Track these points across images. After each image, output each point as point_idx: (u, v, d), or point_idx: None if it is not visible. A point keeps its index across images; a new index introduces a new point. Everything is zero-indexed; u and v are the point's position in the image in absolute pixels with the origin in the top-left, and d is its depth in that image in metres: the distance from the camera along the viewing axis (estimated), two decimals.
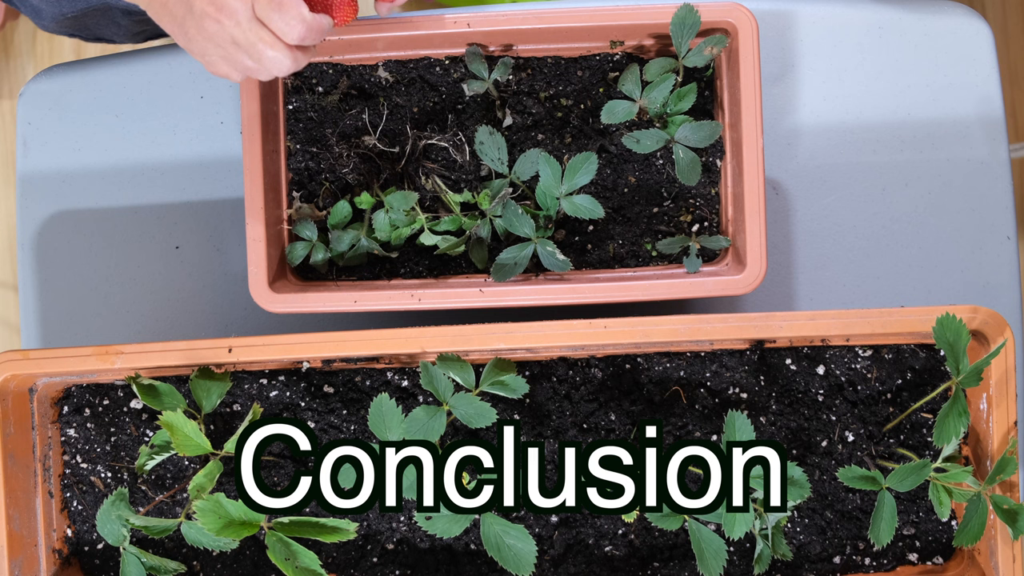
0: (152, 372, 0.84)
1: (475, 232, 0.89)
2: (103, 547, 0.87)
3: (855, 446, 0.84)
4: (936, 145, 0.98)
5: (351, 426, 0.85)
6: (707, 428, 0.84)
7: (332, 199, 0.92)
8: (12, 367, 0.81)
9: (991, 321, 0.79)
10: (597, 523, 0.85)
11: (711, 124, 0.87)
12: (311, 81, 0.93)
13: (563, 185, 0.86)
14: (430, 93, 0.93)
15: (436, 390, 0.79)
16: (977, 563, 0.83)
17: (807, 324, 0.80)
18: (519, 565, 0.76)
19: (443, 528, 0.76)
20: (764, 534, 0.78)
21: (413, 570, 0.85)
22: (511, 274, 0.86)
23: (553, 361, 0.86)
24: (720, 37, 0.87)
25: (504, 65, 0.91)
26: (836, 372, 0.85)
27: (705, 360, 0.85)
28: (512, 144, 0.91)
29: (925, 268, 0.98)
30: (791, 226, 0.99)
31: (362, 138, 0.92)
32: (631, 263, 0.91)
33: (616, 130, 0.91)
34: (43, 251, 1.02)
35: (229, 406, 0.85)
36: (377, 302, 0.87)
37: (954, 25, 0.99)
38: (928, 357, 0.85)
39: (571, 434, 0.85)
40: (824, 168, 0.99)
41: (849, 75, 0.99)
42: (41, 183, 1.02)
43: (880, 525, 0.77)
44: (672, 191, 0.92)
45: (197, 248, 1.01)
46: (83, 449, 0.87)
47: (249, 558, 0.86)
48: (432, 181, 0.91)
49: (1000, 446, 0.81)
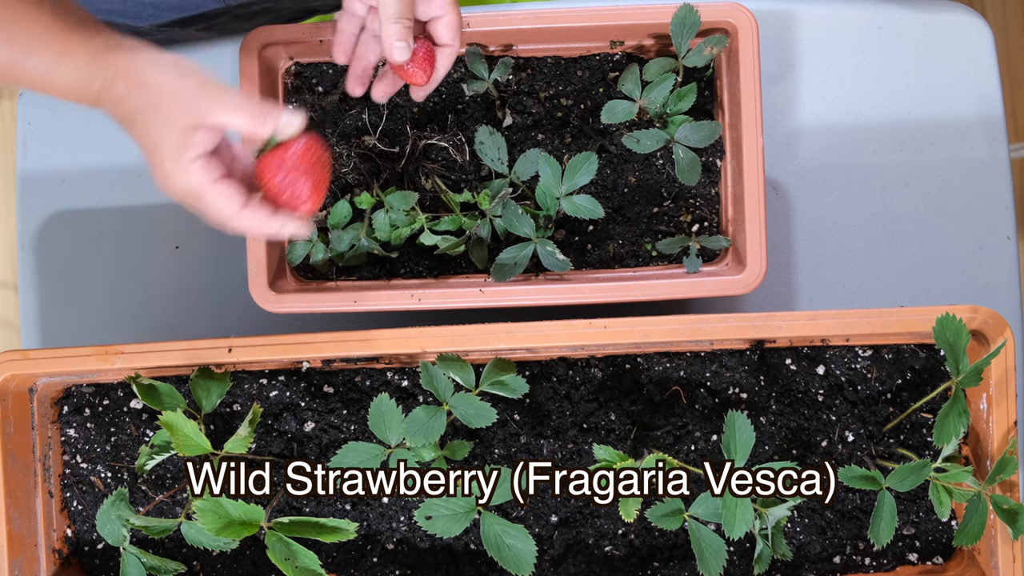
0: (152, 372, 0.84)
1: (475, 232, 0.89)
2: (103, 547, 0.87)
3: (855, 446, 0.84)
4: (936, 145, 0.98)
5: (351, 426, 0.85)
6: (707, 428, 0.84)
7: (332, 199, 0.91)
8: (12, 367, 0.81)
9: (991, 321, 0.79)
10: (597, 523, 0.85)
11: (711, 124, 0.87)
12: (311, 81, 0.93)
13: (563, 185, 0.86)
14: (430, 93, 0.93)
15: (436, 390, 0.79)
16: (977, 563, 0.83)
17: (807, 324, 0.80)
18: (519, 565, 0.76)
19: (443, 528, 0.76)
20: (764, 534, 0.78)
21: (413, 570, 0.85)
22: (511, 274, 0.86)
23: (553, 361, 0.86)
24: (720, 37, 0.87)
25: (504, 65, 0.91)
26: (836, 372, 0.85)
27: (705, 360, 0.85)
28: (512, 144, 0.91)
29: (925, 268, 0.98)
30: (791, 226, 0.99)
31: (362, 138, 0.92)
32: (631, 263, 0.91)
33: (616, 130, 0.91)
34: (43, 251, 1.02)
35: (229, 406, 0.85)
36: (377, 302, 0.87)
37: (954, 25, 0.99)
38: (928, 357, 0.85)
39: (571, 434, 0.85)
40: (824, 168, 0.99)
41: (849, 75, 0.99)
42: (41, 183, 1.02)
43: (880, 525, 0.77)
44: (672, 191, 0.92)
45: (197, 248, 1.01)
46: (83, 449, 0.87)
47: (249, 558, 0.86)
48: (432, 181, 0.91)
49: (1000, 446, 0.81)
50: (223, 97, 0.66)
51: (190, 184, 0.67)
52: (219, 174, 0.68)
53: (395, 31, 0.74)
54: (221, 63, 1.00)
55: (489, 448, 0.85)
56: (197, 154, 0.66)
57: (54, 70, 0.66)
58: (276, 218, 0.69)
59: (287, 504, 0.85)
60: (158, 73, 0.65)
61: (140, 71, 0.65)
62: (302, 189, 0.69)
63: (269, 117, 0.67)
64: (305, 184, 0.69)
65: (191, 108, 0.65)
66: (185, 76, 0.65)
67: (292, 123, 0.68)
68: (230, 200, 0.67)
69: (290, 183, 0.68)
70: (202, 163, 0.66)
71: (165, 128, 0.65)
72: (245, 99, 0.66)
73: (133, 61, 0.66)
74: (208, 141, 0.66)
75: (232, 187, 0.68)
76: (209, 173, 0.67)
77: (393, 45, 0.75)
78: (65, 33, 0.65)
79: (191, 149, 0.66)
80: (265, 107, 0.67)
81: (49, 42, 0.65)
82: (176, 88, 0.65)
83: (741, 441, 0.75)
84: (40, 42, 0.65)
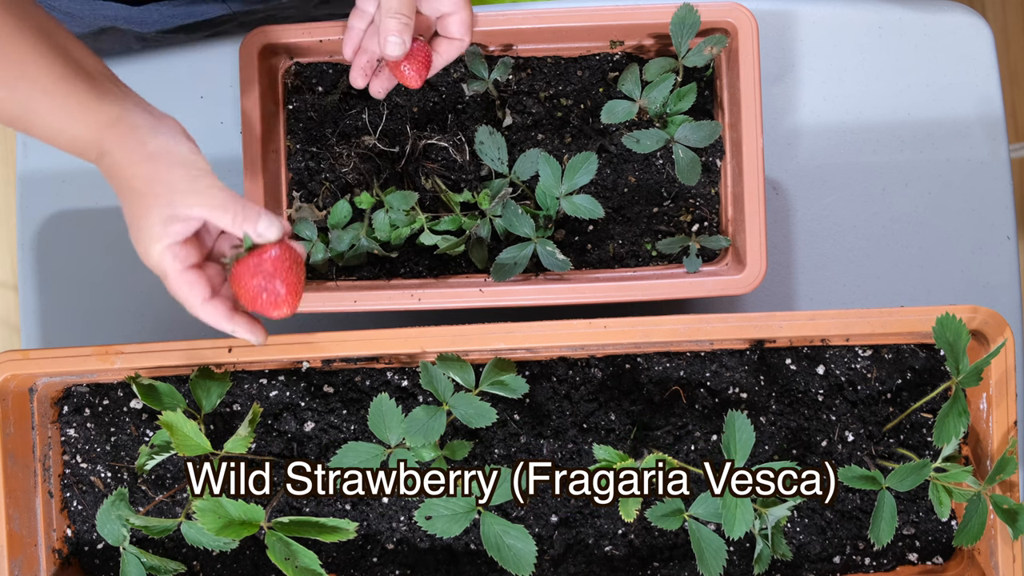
0: (152, 372, 0.84)
1: (475, 232, 0.89)
2: (103, 547, 0.87)
3: (855, 446, 0.84)
4: (936, 145, 0.98)
5: (351, 426, 0.85)
6: (707, 428, 0.84)
7: (332, 199, 0.92)
8: (12, 367, 0.81)
9: (991, 321, 0.79)
10: (597, 523, 0.85)
11: (711, 124, 0.87)
12: (311, 81, 0.93)
13: (563, 185, 0.86)
14: (430, 93, 0.93)
15: (436, 390, 0.79)
16: (977, 563, 0.83)
17: (807, 324, 0.80)
18: (519, 565, 0.76)
19: (443, 528, 0.76)
20: (764, 534, 0.78)
21: (413, 570, 0.85)
22: (511, 274, 0.86)
23: (553, 361, 0.86)
24: (720, 37, 0.87)
25: (504, 65, 0.91)
26: (836, 372, 0.85)
27: (705, 360, 0.85)
28: (512, 144, 0.91)
29: (925, 268, 0.98)
30: (791, 226, 0.99)
31: (362, 138, 0.92)
32: (631, 263, 0.91)
33: (616, 130, 0.91)
34: (43, 251, 1.02)
35: (229, 406, 0.85)
36: (377, 302, 0.87)
37: (954, 25, 0.99)
38: (928, 357, 0.85)
39: (571, 434, 0.85)
40: (824, 168, 0.99)
41: (849, 75, 0.99)
42: (41, 183, 1.02)
43: (880, 525, 0.77)
44: (672, 191, 0.92)
45: None
46: (83, 449, 0.87)
47: (249, 558, 0.86)
48: (432, 181, 0.91)
49: (1000, 446, 0.81)
50: (206, 196, 0.67)
51: (160, 267, 0.69)
52: (191, 263, 0.69)
53: (391, 25, 0.76)
54: (221, 63, 1.00)
55: (489, 448, 0.85)
56: (170, 243, 0.68)
57: (55, 134, 0.68)
58: (232, 319, 0.71)
59: (287, 504, 0.85)
60: (148, 163, 0.66)
61: (133, 153, 0.67)
62: (276, 292, 0.70)
63: (248, 221, 0.68)
64: (280, 288, 0.69)
65: (173, 200, 0.66)
66: (173, 166, 0.66)
67: (271, 230, 0.68)
68: (193, 292, 0.69)
69: (264, 287, 0.69)
70: (174, 251, 0.68)
71: (147, 213, 0.67)
72: (229, 200, 0.67)
73: (127, 141, 0.67)
74: (184, 231, 0.68)
75: (198, 279, 0.69)
76: (179, 262, 0.68)
77: (387, 39, 0.77)
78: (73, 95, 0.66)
79: (165, 238, 0.67)
80: (248, 211, 0.68)
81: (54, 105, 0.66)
82: (163, 179, 0.66)
83: (741, 441, 0.75)
84: (46, 101, 0.66)
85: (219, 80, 1.01)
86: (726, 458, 0.76)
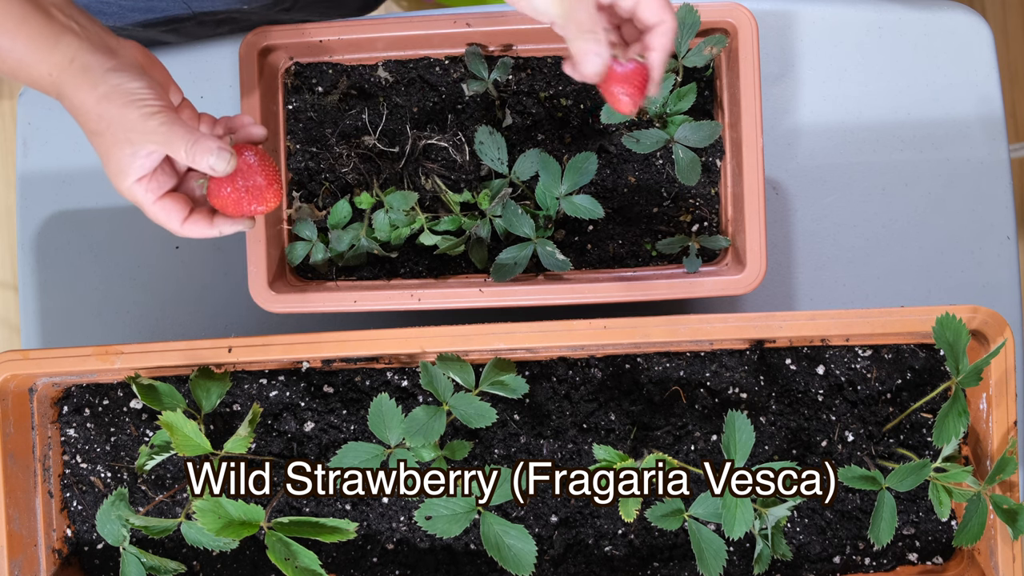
0: (152, 372, 0.84)
1: (475, 232, 0.89)
2: (103, 547, 0.87)
3: (855, 446, 0.84)
4: (936, 145, 0.98)
5: (351, 426, 0.85)
6: (707, 428, 0.84)
7: (332, 199, 0.92)
8: (12, 367, 0.81)
9: (991, 321, 0.79)
10: (597, 523, 0.85)
11: (711, 124, 0.87)
12: (311, 81, 0.93)
13: (563, 185, 0.86)
14: (430, 93, 0.93)
15: (436, 390, 0.79)
16: (977, 563, 0.83)
17: (807, 324, 0.80)
18: (519, 565, 0.76)
19: (443, 528, 0.76)
20: (764, 534, 0.78)
21: (413, 570, 0.85)
22: (511, 274, 0.86)
23: (553, 361, 0.86)
24: (720, 37, 0.87)
25: (504, 65, 0.91)
26: (836, 372, 0.85)
27: (705, 360, 0.85)
28: (512, 144, 0.91)
29: (925, 268, 0.98)
30: (791, 226, 0.99)
31: (362, 138, 0.92)
32: (631, 263, 0.91)
33: (616, 130, 0.91)
34: (43, 251, 1.02)
35: (229, 406, 0.85)
36: (377, 302, 0.87)
37: (954, 25, 0.99)
38: (928, 357, 0.85)
39: (571, 434, 0.85)
40: (824, 168, 0.99)
41: (849, 75, 0.99)
42: (41, 183, 1.02)
43: (880, 525, 0.77)
44: (672, 191, 0.92)
45: (197, 248, 1.01)
46: (83, 449, 0.87)
47: (249, 558, 0.86)
48: (432, 181, 0.91)
49: (1000, 446, 0.81)
50: (158, 133, 0.68)
51: (134, 200, 0.71)
52: (164, 190, 0.71)
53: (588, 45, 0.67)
54: (221, 63, 1.00)
55: (489, 448, 0.85)
56: (137, 177, 0.70)
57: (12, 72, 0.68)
58: (214, 224, 0.73)
59: (287, 504, 0.85)
60: (101, 103, 0.67)
61: (86, 96, 0.68)
62: (258, 186, 0.72)
63: (199, 155, 0.69)
64: (260, 180, 0.72)
65: (130, 138, 0.68)
66: (125, 106, 0.67)
67: (220, 163, 0.70)
68: (170, 217, 0.72)
69: (244, 185, 0.72)
70: (144, 184, 0.70)
71: (109, 151, 0.69)
72: (179, 136, 0.68)
73: (81, 83, 0.67)
74: (148, 165, 0.70)
75: (173, 204, 0.71)
76: (151, 193, 0.71)
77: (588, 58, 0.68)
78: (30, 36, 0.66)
79: (132, 173, 0.69)
80: (198, 145, 0.69)
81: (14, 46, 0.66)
82: (116, 119, 0.68)
83: (741, 441, 0.75)
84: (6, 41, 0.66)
85: (219, 80, 1.01)
86: (726, 458, 0.75)
